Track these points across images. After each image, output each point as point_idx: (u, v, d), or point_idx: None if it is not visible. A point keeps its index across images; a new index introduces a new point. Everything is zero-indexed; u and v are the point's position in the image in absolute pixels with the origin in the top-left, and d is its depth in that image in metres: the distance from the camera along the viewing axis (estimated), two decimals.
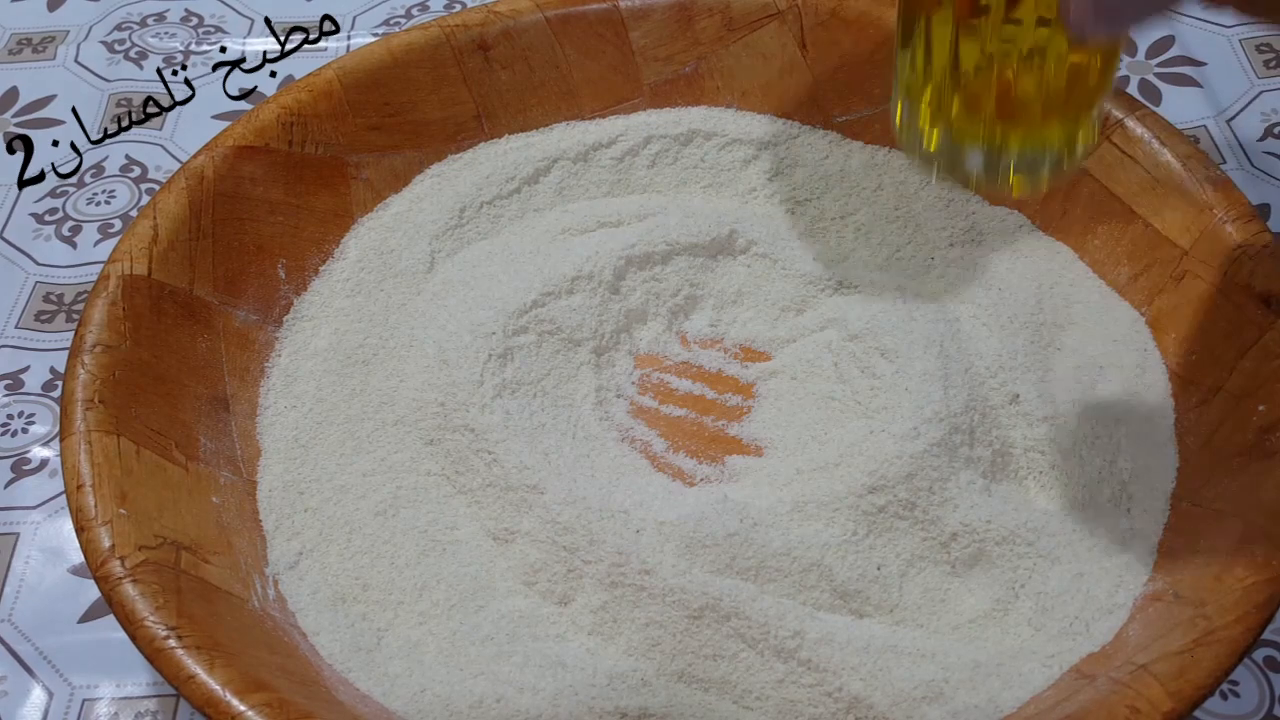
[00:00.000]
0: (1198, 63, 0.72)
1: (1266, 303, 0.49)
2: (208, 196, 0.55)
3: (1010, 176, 0.43)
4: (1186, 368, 0.52)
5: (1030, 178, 0.44)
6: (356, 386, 0.53)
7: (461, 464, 0.50)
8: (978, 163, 0.43)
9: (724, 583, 0.45)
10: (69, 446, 0.46)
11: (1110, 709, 0.39)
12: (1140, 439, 0.50)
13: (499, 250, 0.58)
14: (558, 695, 0.43)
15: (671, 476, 0.51)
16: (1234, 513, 0.45)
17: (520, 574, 0.47)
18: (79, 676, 0.49)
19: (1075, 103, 0.42)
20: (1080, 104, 0.43)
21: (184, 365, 0.52)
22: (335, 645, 0.46)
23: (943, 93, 0.43)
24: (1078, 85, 0.42)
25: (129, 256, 0.52)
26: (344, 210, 0.60)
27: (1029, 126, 0.42)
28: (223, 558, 0.46)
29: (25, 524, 0.54)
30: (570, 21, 0.63)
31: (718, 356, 0.56)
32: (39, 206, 0.67)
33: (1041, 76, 0.41)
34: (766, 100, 0.64)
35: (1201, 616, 0.41)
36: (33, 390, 0.59)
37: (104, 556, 0.43)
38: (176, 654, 0.40)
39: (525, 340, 0.53)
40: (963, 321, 0.54)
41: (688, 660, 0.44)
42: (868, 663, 0.43)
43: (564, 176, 0.62)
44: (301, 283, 0.58)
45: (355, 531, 0.49)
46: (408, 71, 0.61)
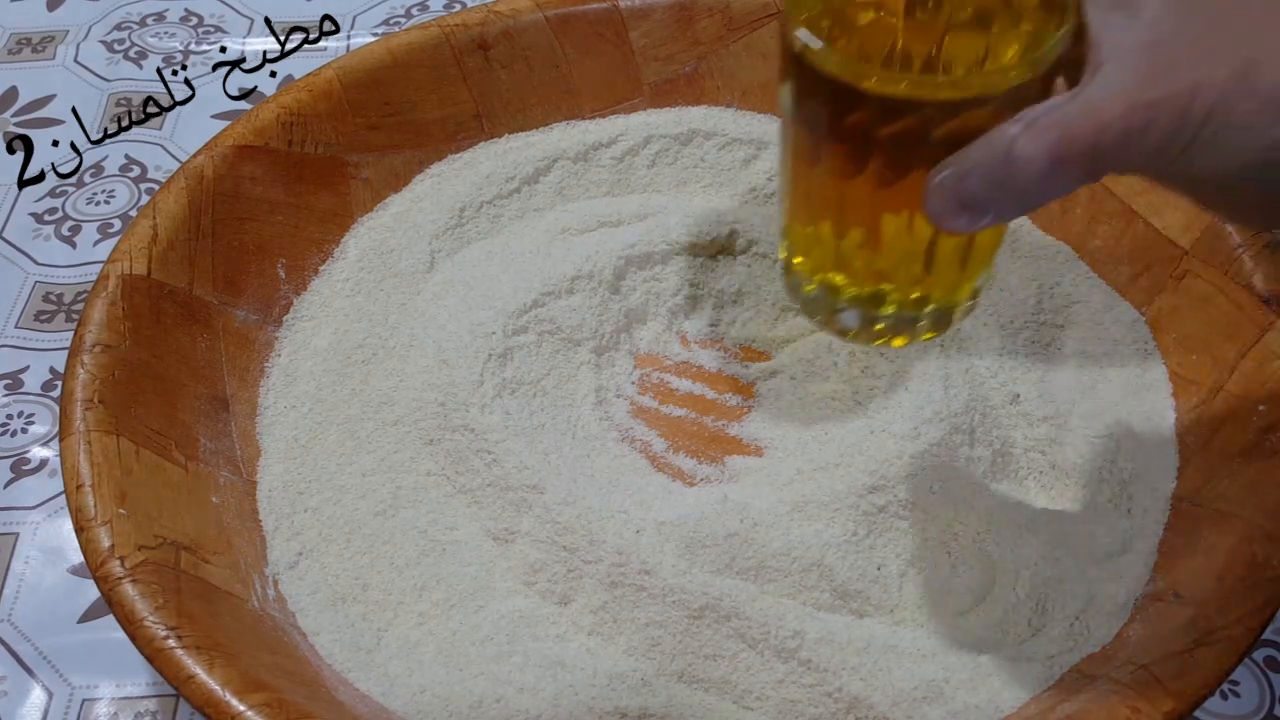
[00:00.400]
0: None
1: (1267, 302, 0.49)
2: (207, 196, 0.55)
3: (884, 334, 0.43)
4: (1187, 368, 0.52)
5: (907, 334, 0.43)
6: (356, 386, 0.53)
7: (461, 464, 0.50)
8: (853, 320, 0.42)
9: (724, 583, 0.45)
10: (68, 446, 0.46)
11: (1111, 709, 0.39)
12: (1140, 439, 0.50)
13: (499, 250, 0.58)
14: (558, 695, 0.43)
15: (671, 476, 0.51)
16: (1235, 513, 0.45)
17: (520, 574, 0.47)
18: (79, 676, 0.49)
19: (950, 272, 0.41)
20: (956, 274, 0.41)
21: (184, 365, 0.51)
22: (335, 645, 0.46)
23: (823, 254, 0.42)
24: (954, 258, 0.40)
25: (129, 256, 0.52)
26: (344, 210, 0.60)
27: (904, 291, 0.41)
28: (222, 558, 0.46)
29: (25, 524, 0.54)
30: (570, 21, 0.63)
31: (718, 356, 0.56)
32: (38, 206, 0.67)
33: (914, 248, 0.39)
34: (767, 100, 0.64)
35: (1202, 616, 0.41)
36: (32, 390, 0.59)
37: (103, 556, 0.43)
38: (176, 654, 0.40)
39: (525, 340, 0.53)
40: (963, 321, 0.54)
41: (688, 660, 0.44)
42: (868, 663, 0.43)
43: (564, 176, 0.62)
44: (301, 282, 0.58)
45: (355, 531, 0.49)
46: (407, 71, 0.61)
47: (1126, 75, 0.33)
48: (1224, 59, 0.33)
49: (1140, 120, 0.33)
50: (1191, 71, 0.33)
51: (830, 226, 0.40)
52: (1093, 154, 0.33)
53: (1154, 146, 0.33)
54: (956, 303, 0.42)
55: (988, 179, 0.34)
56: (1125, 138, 0.33)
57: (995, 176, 0.34)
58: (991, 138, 0.34)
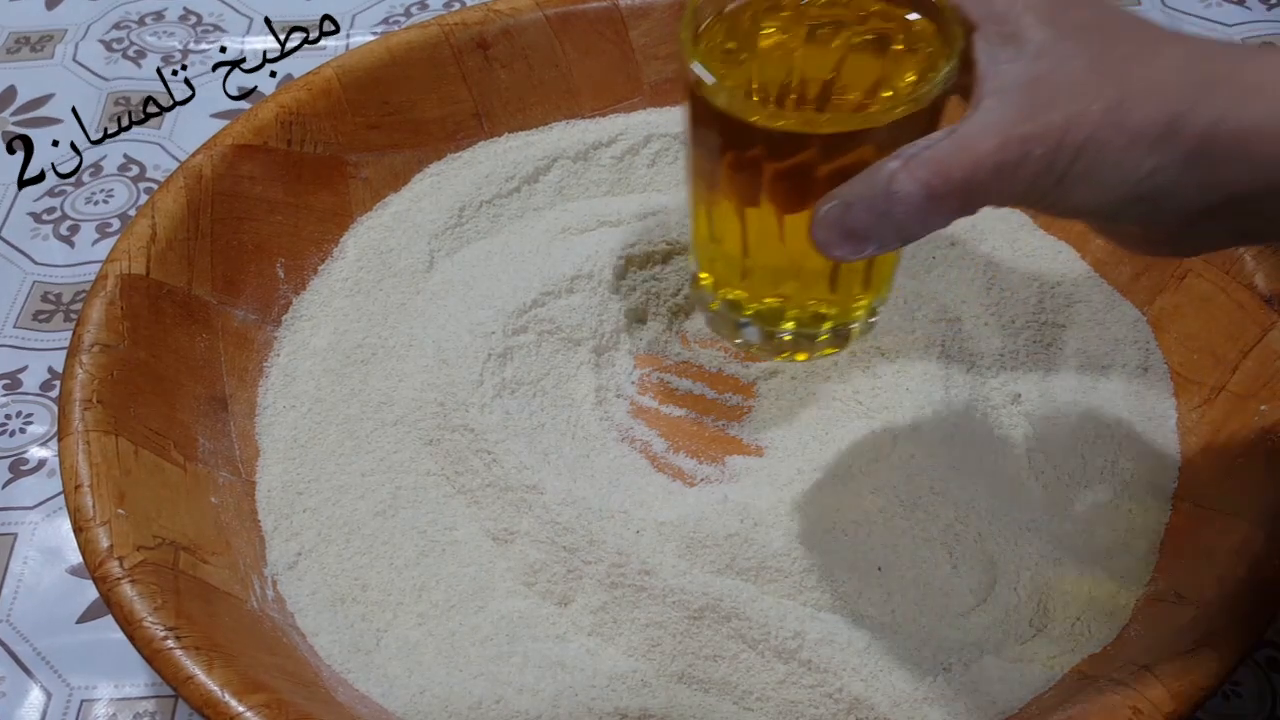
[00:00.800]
0: None
1: (1268, 302, 0.49)
2: (206, 196, 0.55)
3: (785, 349, 0.44)
4: (1188, 368, 0.51)
5: (808, 349, 0.44)
6: (355, 386, 0.53)
7: (461, 464, 0.50)
8: (754, 335, 0.44)
9: (724, 583, 0.45)
10: (67, 446, 0.46)
11: (1112, 710, 0.39)
12: (1141, 439, 0.50)
13: (499, 250, 0.58)
14: (557, 696, 0.43)
15: (671, 476, 0.51)
16: (1236, 513, 0.45)
17: (520, 574, 0.47)
18: (77, 677, 0.49)
19: (846, 292, 0.42)
20: (852, 294, 0.42)
21: (182, 365, 0.51)
22: (334, 646, 0.46)
23: (725, 270, 0.43)
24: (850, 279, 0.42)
25: (127, 256, 0.52)
26: (343, 209, 0.60)
27: (802, 308, 0.42)
28: (221, 558, 0.46)
29: (23, 524, 0.54)
30: (570, 20, 0.63)
31: (718, 356, 0.56)
32: (37, 206, 0.67)
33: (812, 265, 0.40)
34: None
35: (1203, 617, 0.41)
36: (31, 390, 0.59)
37: (102, 557, 0.43)
38: (175, 655, 0.40)
39: (525, 340, 0.53)
40: (963, 321, 0.54)
41: (688, 661, 0.44)
42: (869, 663, 0.43)
43: (564, 175, 0.62)
44: (300, 282, 0.57)
45: (354, 532, 0.49)
46: (407, 70, 0.61)
47: (1004, 111, 0.34)
48: (1097, 96, 0.34)
49: (1014, 155, 0.34)
50: (1066, 108, 0.34)
51: (730, 246, 0.41)
52: (967, 188, 0.34)
53: (1028, 180, 0.34)
54: (854, 320, 0.43)
55: (869, 212, 0.35)
56: (999, 172, 0.34)
57: (876, 209, 0.35)
58: (873, 172, 0.35)
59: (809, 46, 0.40)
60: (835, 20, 0.40)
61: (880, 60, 0.39)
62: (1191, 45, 0.35)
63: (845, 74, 0.39)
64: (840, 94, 0.39)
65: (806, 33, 0.40)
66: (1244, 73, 0.33)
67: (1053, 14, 0.35)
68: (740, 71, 0.39)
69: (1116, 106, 0.33)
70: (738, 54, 0.40)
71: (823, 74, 0.39)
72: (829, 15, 0.40)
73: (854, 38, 0.39)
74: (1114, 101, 0.33)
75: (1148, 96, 0.33)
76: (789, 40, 0.40)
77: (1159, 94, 0.33)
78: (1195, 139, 0.33)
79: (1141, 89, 0.33)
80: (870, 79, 0.39)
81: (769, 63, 0.40)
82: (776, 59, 0.40)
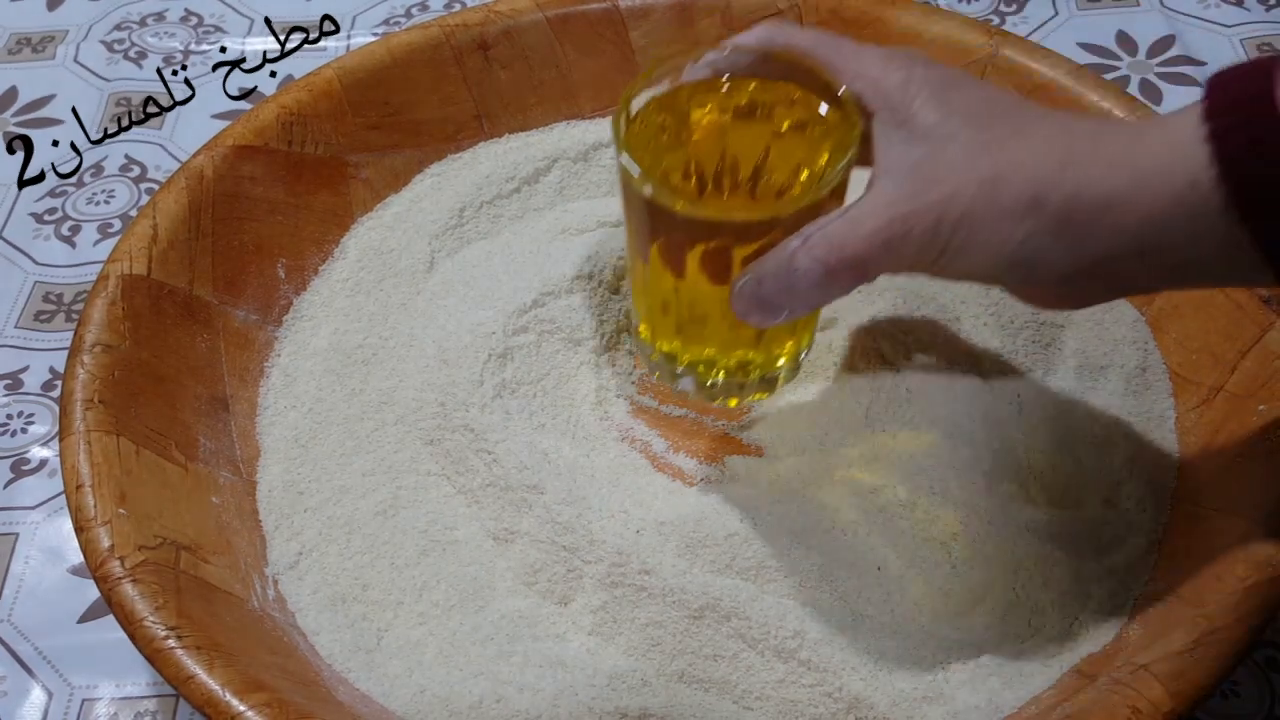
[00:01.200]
0: (1198, 62, 0.72)
1: (1267, 302, 0.49)
2: (207, 196, 0.55)
3: (718, 394, 0.48)
4: (1187, 368, 0.51)
5: (737, 395, 0.48)
6: (356, 386, 0.53)
7: (461, 464, 0.50)
8: (689, 384, 0.48)
9: (724, 583, 0.45)
10: (68, 446, 0.46)
11: (1111, 709, 0.39)
12: (1140, 439, 0.50)
13: (499, 250, 0.58)
14: (558, 695, 0.43)
15: (671, 476, 0.51)
16: (1235, 512, 0.45)
17: (520, 574, 0.47)
18: (78, 676, 0.49)
19: (767, 345, 0.47)
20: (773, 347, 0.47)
21: (184, 365, 0.51)
22: (335, 645, 0.46)
23: (661, 326, 0.47)
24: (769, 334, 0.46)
25: (128, 256, 0.52)
26: (343, 210, 0.60)
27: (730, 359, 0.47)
28: (222, 558, 0.46)
29: (24, 524, 0.54)
30: (570, 21, 0.63)
31: None
32: (38, 206, 0.67)
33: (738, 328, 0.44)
34: None
35: (1202, 616, 0.41)
36: (32, 390, 0.59)
37: (103, 556, 0.43)
38: (176, 654, 0.40)
39: (525, 340, 0.53)
40: (963, 321, 0.54)
41: (688, 660, 0.44)
42: (868, 663, 0.43)
43: (564, 176, 0.62)
44: (301, 282, 0.58)
45: (355, 531, 0.49)
46: (407, 71, 0.61)
47: (892, 191, 0.38)
48: (974, 173, 0.37)
49: (899, 231, 0.38)
50: (944, 187, 0.37)
51: (665, 305, 0.46)
52: (858, 262, 0.38)
53: (913, 253, 0.38)
54: (778, 369, 0.48)
55: (777, 285, 0.40)
56: (887, 247, 0.38)
57: (782, 283, 0.40)
58: (779, 250, 0.40)
59: (738, 131, 0.45)
60: (761, 104, 0.45)
61: (799, 146, 0.44)
62: (1059, 124, 0.38)
63: (771, 158, 0.44)
64: (768, 175, 0.44)
65: (734, 117, 0.45)
66: (1101, 148, 0.36)
67: (941, 97, 0.39)
68: (675, 156, 0.44)
69: (990, 183, 0.37)
70: (674, 137, 0.45)
71: (752, 157, 0.44)
72: (754, 99, 0.45)
73: (777, 125, 0.45)
74: (988, 179, 0.37)
75: (1016, 172, 0.37)
76: (720, 124, 0.45)
77: (1026, 170, 0.37)
78: (1058, 209, 0.36)
79: (1011, 166, 0.37)
80: (792, 163, 0.44)
81: (701, 147, 0.45)
82: (709, 144, 0.45)
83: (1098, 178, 0.36)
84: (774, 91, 0.44)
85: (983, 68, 0.59)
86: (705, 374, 0.47)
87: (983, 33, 0.60)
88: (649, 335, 0.48)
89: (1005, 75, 0.58)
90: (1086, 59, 0.72)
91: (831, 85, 0.42)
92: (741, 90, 0.45)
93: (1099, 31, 0.74)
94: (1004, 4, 0.77)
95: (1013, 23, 0.76)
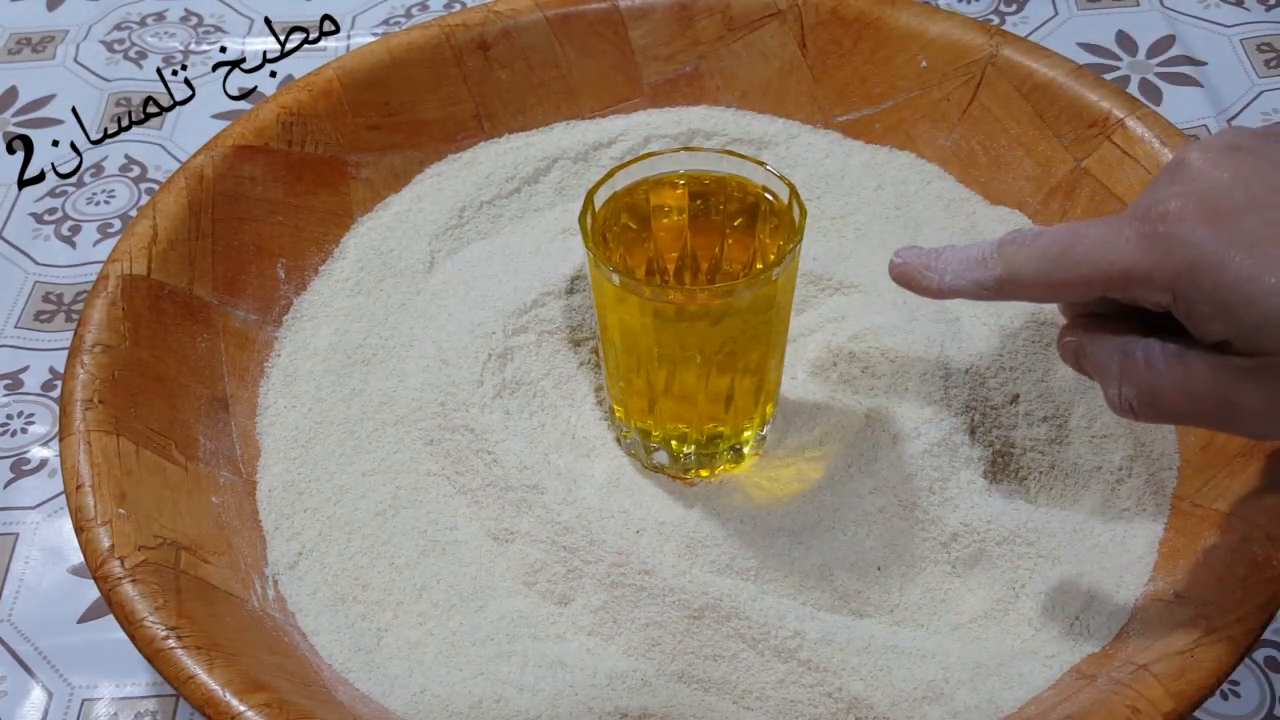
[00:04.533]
0: (1198, 62, 0.72)
1: None
2: (207, 196, 0.55)
3: (690, 466, 0.50)
4: None
5: (708, 466, 0.50)
6: (356, 386, 0.53)
7: (461, 464, 0.50)
8: (664, 458, 0.50)
9: (724, 583, 0.45)
10: (68, 446, 0.46)
11: (1110, 709, 0.39)
12: (1140, 439, 0.50)
13: (499, 250, 0.58)
14: (558, 695, 0.43)
15: (671, 477, 0.51)
16: (1234, 513, 0.45)
17: (520, 574, 0.47)
18: (78, 677, 0.49)
19: (732, 420, 0.48)
20: (737, 421, 0.49)
21: (183, 365, 0.51)
22: (335, 645, 0.46)
23: (634, 406, 0.49)
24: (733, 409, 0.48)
25: (128, 256, 0.52)
26: (344, 210, 0.60)
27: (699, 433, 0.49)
28: (222, 558, 0.46)
29: (25, 524, 0.54)
30: (570, 21, 0.63)
31: None
32: (38, 206, 0.67)
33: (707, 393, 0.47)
34: (766, 100, 0.64)
35: (1202, 616, 0.41)
36: (32, 390, 0.59)
37: (103, 557, 0.43)
38: (176, 654, 0.40)
39: (525, 340, 0.53)
40: (963, 321, 0.54)
41: (688, 660, 0.44)
42: (868, 663, 0.43)
43: (564, 176, 0.62)
44: (301, 282, 0.57)
45: (355, 532, 0.49)
46: (407, 71, 0.61)
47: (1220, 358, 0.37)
48: None
49: (1224, 413, 0.37)
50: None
51: (636, 389, 0.48)
52: (1157, 410, 0.38)
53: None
54: (745, 440, 0.50)
55: (1099, 373, 0.40)
56: (1196, 415, 0.38)
57: (1107, 380, 0.39)
58: (1114, 352, 0.39)
59: (696, 225, 0.48)
60: (715, 195, 0.48)
61: (752, 238, 0.47)
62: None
63: (727, 250, 0.48)
64: (728, 265, 0.48)
65: (694, 211, 0.48)
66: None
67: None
68: (641, 250, 0.48)
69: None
70: (638, 234, 0.48)
71: (710, 250, 0.48)
72: (710, 192, 0.48)
73: (731, 220, 0.48)
74: None
75: None
76: (679, 220, 0.48)
77: None
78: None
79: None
80: (746, 254, 0.47)
81: (667, 236, 0.48)
82: (670, 238, 0.48)
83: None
84: (725, 186, 0.47)
85: (983, 68, 0.59)
86: (678, 448, 0.49)
87: (983, 33, 0.60)
88: (623, 415, 0.50)
89: (1005, 75, 0.58)
90: (1086, 59, 0.72)
91: (780, 179, 0.46)
92: (697, 185, 0.48)
93: (1099, 31, 0.74)
94: (1004, 4, 0.77)
95: (1013, 23, 0.76)
